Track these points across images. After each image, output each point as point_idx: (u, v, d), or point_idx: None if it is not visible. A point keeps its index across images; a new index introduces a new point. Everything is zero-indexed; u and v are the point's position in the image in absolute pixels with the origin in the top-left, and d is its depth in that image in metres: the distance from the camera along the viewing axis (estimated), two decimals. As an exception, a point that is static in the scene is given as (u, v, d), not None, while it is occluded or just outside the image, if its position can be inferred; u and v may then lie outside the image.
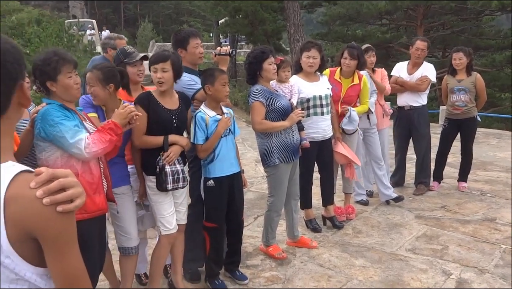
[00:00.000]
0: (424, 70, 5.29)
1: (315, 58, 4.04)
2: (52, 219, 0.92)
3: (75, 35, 14.61)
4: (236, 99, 15.14)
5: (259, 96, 3.52)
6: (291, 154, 3.66)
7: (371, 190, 5.39)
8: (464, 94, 5.30)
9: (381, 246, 4.05)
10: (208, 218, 3.28)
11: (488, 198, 5.27)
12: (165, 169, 2.86)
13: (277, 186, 3.70)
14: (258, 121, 3.56)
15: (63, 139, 2.32)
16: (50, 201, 0.91)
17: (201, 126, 3.10)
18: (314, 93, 4.05)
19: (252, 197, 5.54)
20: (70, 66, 2.43)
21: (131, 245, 2.97)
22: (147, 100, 2.89)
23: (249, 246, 4.11)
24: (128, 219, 2.95)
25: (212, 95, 3.14)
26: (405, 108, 5.38)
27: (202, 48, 3.41)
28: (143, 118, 2.83)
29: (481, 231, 4.29)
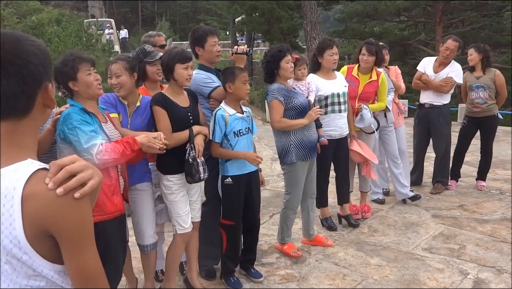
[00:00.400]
0: (451, 70, 5.15)
1: (337, 54, 4.10)
2: (68, 216, 0.93)
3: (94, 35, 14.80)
4: (252, 97, 15.15)
5: (277, 94, 3.55)
6: (308, 152, 3.68)
7: (387, 188, 5.35)
8: (483, 91, 5.22)
9: (397, 245, 4.03)
10: (225, 216, 3.32)
11: (507, 197, 5.19)
12: (197, 159, 2.89)
13: (294, 184, 3.72)
14: (277, 120, 3.58)
15: (77, 143, 2.38)
16: (64, 190, 0.92)
17: (221, 124, 3.14)
18: (332, 90, 4.06)
19: (268, 195, 5.56)
20: (87, 64, 2.50)
21: (147, 242, 3.02)
22: (164, 100, 2.93)
23: (264, 244, 4.13)
24: (145, 217, 3.00)
25: (232, 93, 3.19)
26: (425, 106, 5.31)
27: (219, 46, 3.43)
28: (167, 118, 2.89)
29: (500, 231, 4.23)
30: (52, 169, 0.95)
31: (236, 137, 3.20)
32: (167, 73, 2.95)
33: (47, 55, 1.03)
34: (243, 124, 3.24)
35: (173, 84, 2.98)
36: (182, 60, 2.91)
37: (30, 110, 1.00)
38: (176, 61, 2.89)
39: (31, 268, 0.94)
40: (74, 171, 0.95)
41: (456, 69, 5.17)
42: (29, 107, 1.00)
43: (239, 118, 3.21)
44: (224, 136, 3.18)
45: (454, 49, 5.11)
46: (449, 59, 5.18)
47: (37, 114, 1.02)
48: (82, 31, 14.63)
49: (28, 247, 0.92)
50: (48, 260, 0.95)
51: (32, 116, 1.01)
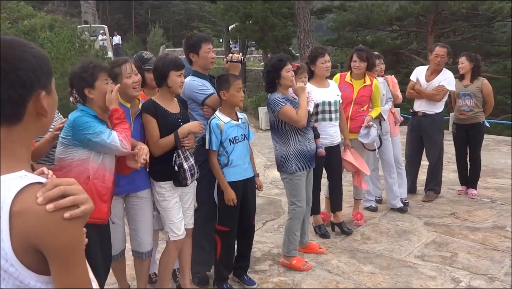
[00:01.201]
0: (443, 78, 5.19)
1: (329, 62, 4.13)
2: (56, 234, 0.90)
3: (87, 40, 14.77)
4: (245, 104, 15.18)
5: (283, 101, 3.52)
6: (308, 162, 3.67)
7: (380, 196, 5.37)
8: (469, 99, 5.31)
9: (389, 253, 4.04)
10: (220, 221, 3.32)
11: (498, 205, 5.23)
12: (183, 166, 2.90)
13: (295, 193, 3.68)
14: (297, 118, 3.49)
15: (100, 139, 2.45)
16: (54, 207, 0.89)
17: (216, 132, 3.15)
18: (324, 98, 4.08)
19: (261, 202, 5.55)
20: (106, 73, 2.56)
21: (145, 249, 3.03)
22: (154, 107, 2.93)
23: (258, 251, 4.13)
24: (145, 224, 3.01)
25: (227, 101, 3.20)
26: (418, 114, 5.37)
27: (213, 53, 3.45)
28: (155, 127, 2.90)
29: (491, 239, 4.26)
30: (48, 186, 0.93)
31: (232, 144, 3.21)
32: (160, 80, 2.95)
33: (44, 62, 1.01)
34: (238, 132, 3.25)
35: (165, 91, 2.98)
36: (176, 67, 2.92)
37: (21, 118, 0.98)
38: (171, 68, 2.90)
39: (18, 280, 0.92)
40: (68, 192, 0.93)
41: (448, 77, 5.22)
42: (19, 115, 0.97)
43: (234, 125, 3.22)
44: (220, 144, 3.19)
45: (444, 55, 5.16)
46: (440, 66, 5.22)
47: (30, 123, 1.00)
48: (75, 37, 14.60)
49: (14, 259, 0.90)
50: (35, 272, 0.93)
51: (25, 124, 0.99)
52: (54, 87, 1.07)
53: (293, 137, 3.59)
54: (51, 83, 1.04)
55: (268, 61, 3.78)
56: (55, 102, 1.07)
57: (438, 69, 5.25)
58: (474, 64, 5.35)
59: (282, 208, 5.27)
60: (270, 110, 3.61)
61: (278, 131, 3.65)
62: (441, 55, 5.16)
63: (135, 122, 2.91)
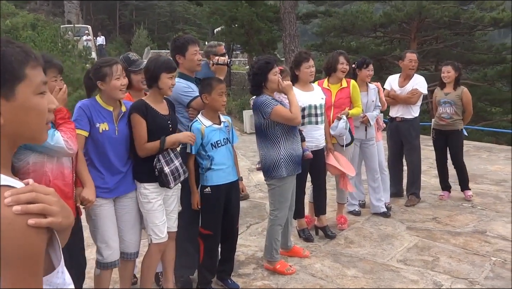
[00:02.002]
0: (415, 82, 5.39)
1: (313, 67, 4.15)
2: (13, 238, 0.83)
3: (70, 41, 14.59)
4: (230, 107, 15.14)
5: (274, 101, 3.49)
6: (297, 166, 3.66)
7: (363, 200, 5.42)
8: (449, 107, 5.45)
9: (372, 257, 4.07)
10: (203, 225, 3.29)
11: (479, 210, 5.31)
12: (164, 171, 2.88)
13: (282, 199, 3.66)
14: (292, 116, 3.45)
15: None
16: (21, 210, 0.84)
17: (197, 137, 3.13)
18: (310, 102, 4.10)
19: (245, 205, 5.54)
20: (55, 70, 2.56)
21: (132, 250, 3.01)
22: (145, 108, 2.91)
23: (241, 254, 4.11)
24: (132, 224, 2.99)
25: (209, 104, 3.17)
26: (396, 119, 5.48)
27: (200, 55, 3.42)
28: (144, 128, 2.87)
29: (472, 243, 4.33)
30: (23, 188, 0.88)
31: (214, 148, 3.19)
32: (151, 81, 2.94)
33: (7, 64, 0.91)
34: (220, 135, 3.23)
35: (156, 93, 2.97)
36: (168, 69, 2.92)
37: None
38: (163, 70, 2.89)
39: None
40: (40, 200, 0.88)
41: (419, 81, 5.42)
42: None
43: (216, 129, 3.20)
44: (202, 148, 3.16)
45: (416, 60, 5.41)
46: (414, 70, 5.42)
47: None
48: (58, 37, 14.41)
49: None
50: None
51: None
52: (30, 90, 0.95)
53: (283, 141, 3.55)
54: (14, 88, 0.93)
55: (254, 63, 3.69)
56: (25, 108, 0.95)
57: (411, 74, 5.43)
58: (458, 74, 5.50)
59: (266, 211, 5.26)
60: (258, 113, 3.53)
61: (266, 136, 3.57)
62: (414, 60, 5.38)
63: (119, 124, 2.86)
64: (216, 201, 3.24)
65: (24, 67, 0.94)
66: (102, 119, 2.77)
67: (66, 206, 0.95)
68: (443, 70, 5.57)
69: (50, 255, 0.96)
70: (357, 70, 4.89)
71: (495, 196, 5.88)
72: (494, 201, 5.68)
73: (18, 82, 0.94)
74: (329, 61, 4.63)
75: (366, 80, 4.95)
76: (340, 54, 4.57)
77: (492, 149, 9.81)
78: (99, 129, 2.74)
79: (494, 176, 6.97)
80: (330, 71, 4.59)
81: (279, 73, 3.67)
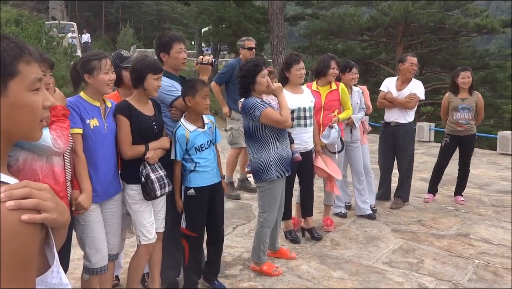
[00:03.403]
0: (413, 87, 5.36)
1: (304, 69, 4.15)
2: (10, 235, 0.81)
3: (55, 37, 14.39)
4: (217, 107, 15.10)
5: (264, 104, 3.47)
6: (286, 168, 3.65)
7: (349, 202, 5.45)
8: (468, 113, 5.48)
9: (358, 259, 4.09)
10: (187, 227, 3.26)
11: (462, 213, 5.39)
12: (150, 177, 2.85)
13: (272, 202, 3.65)
14: (282, 119, 3.43)
15: None
16: (14, 205, 0.82)
17: (181, 142, 3.09)
18: (299, 105, 4.10)
19: (232, 206, 5.53)
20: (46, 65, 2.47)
21: (114, 252, 2.96)
22: (128, 109, 2.87)
23: (228, 255, 4.10)
24: (118, 227, 2.95)
25: (192, 107, 3.11)
26: (391, 124, 5.47)
27: (185, 53, 3.35)
28: (128, 129, 2.84)
29: (455, 246, 4.39)
30: (17, 184, 0.87)
31: (198, 152, 3.15)
32: (137, 82, 2.89)
33: None
34: (204, 138, 3.18)
35: (141, 93, 2.92)
36: (154, 70, 2.87)
37: None
38: (149, 71, 2.85)
39: None
40: (34, 196, 0.86)
41: (418, 86, 5.40)
42: None
43: (200, 133, 3.15)
44: (186, 152, 3.13)
45: (416, 63, 5.41)
46: (413, 74, 5.42)
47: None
48: (43, 33, 14.21)
49: None
50: None
51: None
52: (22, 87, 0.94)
53: (273, 143, 3.54)
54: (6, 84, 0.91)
55: (243, 65, 3.66)
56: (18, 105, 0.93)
57: (410, 78, 5.41)
58: (473, 79, 5.55)
59: (253, 212, 5.27)
60: (247, 115, 3.51)
61: (255, 138, 3.55)
62: (415, 64, 5.37)
63: (106, 120, 2.79)
64: (200, 203, 3.21)
65: (17, 63, 0.92)
66: (91, 115, 2.70)
67: (61, 203, 0.93)
68: (462, 76, 5.50)
69: (45, 254, 0.94)
70: (341, 74, 4.88)
71: (478, 200, 5.97)
72: (477, 204, 5.77)
73: (10, 78, 0.92)
74: (320, 65, 4.61)
75: (349, 84, 4.96)
76: (332, 58, 4.57)
77: (475, 153, 9.93)
78: (90, 126, 2.67)
79: (477, 179, 7.08)
80: (320, 75, 4.61)
81: (268, 75, 3.67)
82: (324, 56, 4.73)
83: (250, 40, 5.95)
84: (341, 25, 18.51)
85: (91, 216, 2.72)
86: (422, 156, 8.97)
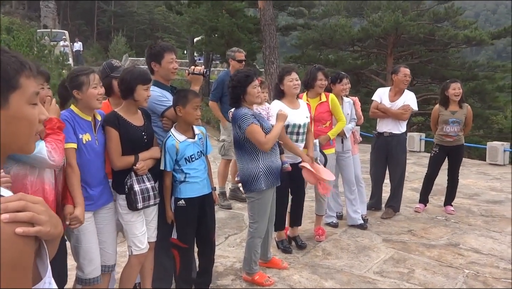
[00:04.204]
0: (406, 98, 5.41)
1: (298, 80, 4.17)
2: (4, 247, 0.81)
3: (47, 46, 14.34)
4: (209, 117, 15.13)
5: (252, 118, 3.47)
6: (276, 178, 3.65)
7: (341, 212, 5.47)
8: (457, 126, 5.56)
9: (350, 268, 4.11)
10: (178, 238, 3.25)
11: (452, 223, 5.44)
12: (134, 188, 2.85)
13: (262, 212, 3.65)
14: (264, 141, 3.45)
15: None
16: (10, 218, 0.83)
17: (171, 152, 3.09)
18: (294, 121, 4.11)
19: (223, 216, 5.53)
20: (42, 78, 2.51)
21: (112, 262, 2.96)
22: (117, 120, 2.88)
23: (220, 265, 4.09)
24: (112, 235, 2.95)
25: (182, 118, 3.11)
26: (384, 134, 5.51)
27: (176, 63, 3.37)
28: (117, 140, 2.85)
29: (446, 256, 4.42)
30: (12, 197, 0.87)
31: (188, 163, 3.15)
32: (126, 93, 2.89)
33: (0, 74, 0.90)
34: (194, 149, 3.18)
35: (130, 104, 2.93)
36: (144, 81, 2.89)
37: None
38: (139, 82, 2.86)
39: None
40: (29, 209, 0.86)
41: (411, 97, 5.45)
42: None
43: (190, 143, 3.15)
44: (176, 162, 3.13)
45: (410, 74, 5.45)
46: (407, 85, 5.46)
47: None
48: (34, 42, 14.15)
49: None
50: None
51: None
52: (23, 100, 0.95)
53: (262, 153, 3.54)
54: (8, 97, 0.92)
55: (234, 75, 3.67)
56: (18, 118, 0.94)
57: (402, 89, 5.45)
58: (463, 90, 5.63)
59: (245, 222, 5.27)
60: (236, 126, 3.52)
61: (244, 148, 3.56)
62: (409, 75, 5.42)
63: (97, 134, 2.82)
64: (190, 214, 3.20)
65: (19, 77, 0.94)
66: (84, 130, 2.73)
67: (54, 215, 0.94)
68: (452, 87, 5.56)
69: (37, 265, 0.95)
70: (331, 85, 4.93)
71: (468, 210, 6.03)
72: (467, 214, 5.82)
73: (12, 91, 0.93)
74: (307, 77, 4.64)
75: (340, 94, 5.01)
76: (318, 70, 4.60)
77: (464, 163, 10.03)
78: (83, 140, 2.70)
79: (466, 189, 7.15)
80: (308, 87, 4.64)
81: (259, 85, 3.69)
82: (311, 68, 4.75)
83: (241, 52, 6.04)
84: (332, 35, 18.66)
85: (85, 225, 2.71)
86: (413, 166, 9.04)
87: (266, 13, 13.37)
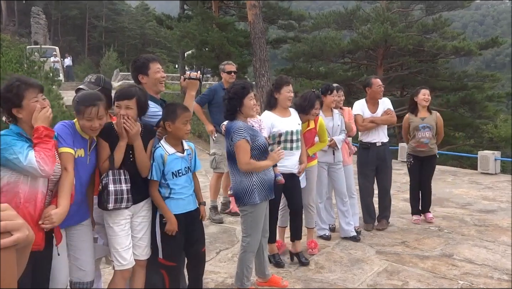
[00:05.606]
0: (385, 105, 5.50)
1: (292, 92, 4.19)
2: None
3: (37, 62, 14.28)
4: (200, 130, 15.10)
5: (245, 133, 3.40)
6: (269, 191, 3.60)
7: (333, 224, 5.43)
8: (428, 131, 5.60)
9: (343, 282, 4.05)
10: (165, 256, 3.14)
11: (446, 233, 5.41)
12: (108, 187, 2.78)
13: (255, 225, 3.58)
14: (246, 161, 3.39)
15: (16, 160, 2.27)
16: None
17: (158, 162, 3.02)
18: (287, 128, 4.11)
19: (215, 230, 5.46)
20: (34, 90, 2.41)
21: (89, 279, 2.87)
22: (109, 131, 2.87)
23: (211, 281, 4.02)
24: (89, 252, 2.87)
25: (171, 132, 3.07)
26: (376, 144, 5.50)
27: (163, 73, 3.32)
28: (107, 152, 2.85)
29: (440, 267, 4.37)
30: None
31: (174, 178, 3.07)
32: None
33: None
34: (182, 164, 3.10)
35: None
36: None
37: None
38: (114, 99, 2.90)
39: None
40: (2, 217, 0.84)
41: (387, 102, 5.58)
42: None
43: (178, 158, 3.08)
44: (163, 176, 3.06)
45: (382, 84, 5.53)
46: (382, 94, 5.52)
47: None
48: (24, 58, 14.10)
49: None
50: None
51: None
52: None
53: None
54: None
55: (230, 88, 3.63)
56: None
57: (379, 98, 5.50)
58: (430, 98, 5.74)
59: (236, 236, 5.20)
60: (229, 138, 3.47)
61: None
62: (381, 84, 5.50)
63: (91, 153, 2.82)
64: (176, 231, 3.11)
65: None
66: (80, 145, 2.72)
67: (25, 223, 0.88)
68: (423, 93, 5.68)
69: None
70: (322, 97, 4.83)
71: (461, 219, 6.01)
72: (460, 224, 5.80)
73: None
74: (305, 103, 4.43)
75: (330, 106, 4.99)
76: (317, 98, 4.45)
77: (457, 173, 10.09)
78: (76, 155, 2.67)
79: (459, 199, 7.15)
80: (303, 112, 4.42)
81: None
82: (310, 93, 4.50)
83: (230, 64, 6.13)
84: (322, 48, 18.80)
85: None
86: (404, 176, 9.02)
87: (256, 26, 13.44)
